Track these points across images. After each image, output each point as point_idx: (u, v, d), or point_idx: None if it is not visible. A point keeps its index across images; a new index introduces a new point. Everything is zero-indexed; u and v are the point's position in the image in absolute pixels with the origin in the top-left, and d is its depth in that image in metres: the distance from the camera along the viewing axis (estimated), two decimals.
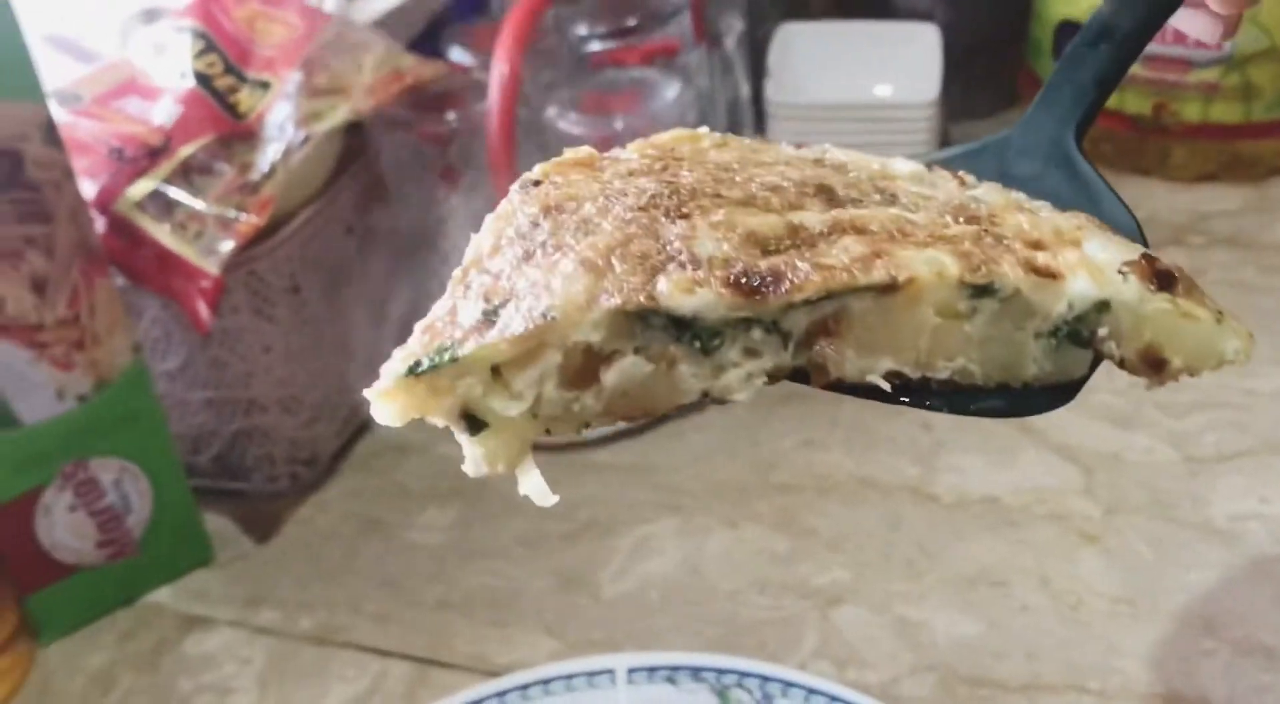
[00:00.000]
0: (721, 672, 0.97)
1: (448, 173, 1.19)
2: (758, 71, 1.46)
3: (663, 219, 0.51)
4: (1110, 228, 0.57)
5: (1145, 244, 0.57)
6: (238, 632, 1.10)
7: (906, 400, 0.54)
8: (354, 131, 1.18)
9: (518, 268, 0.51)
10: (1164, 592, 1.05)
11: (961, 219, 0.55)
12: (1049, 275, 0.52)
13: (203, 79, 1.09)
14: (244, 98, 1.09)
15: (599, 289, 0.49)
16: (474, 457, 0.51)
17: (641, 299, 0.49)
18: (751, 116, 1.43)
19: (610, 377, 0.50)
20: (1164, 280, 0.53)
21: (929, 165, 0.63)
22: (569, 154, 0.58)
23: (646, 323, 0.50)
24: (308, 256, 1.16)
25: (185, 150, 1.05)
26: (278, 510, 1.21)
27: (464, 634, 1.08)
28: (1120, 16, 0.62)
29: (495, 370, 0.49)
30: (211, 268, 1.03)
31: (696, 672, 0.97)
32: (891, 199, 0.57)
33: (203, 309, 1.04)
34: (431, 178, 1.19)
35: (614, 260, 0.50)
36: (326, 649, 1.08)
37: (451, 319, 0.50)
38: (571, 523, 1.17)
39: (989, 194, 0.60)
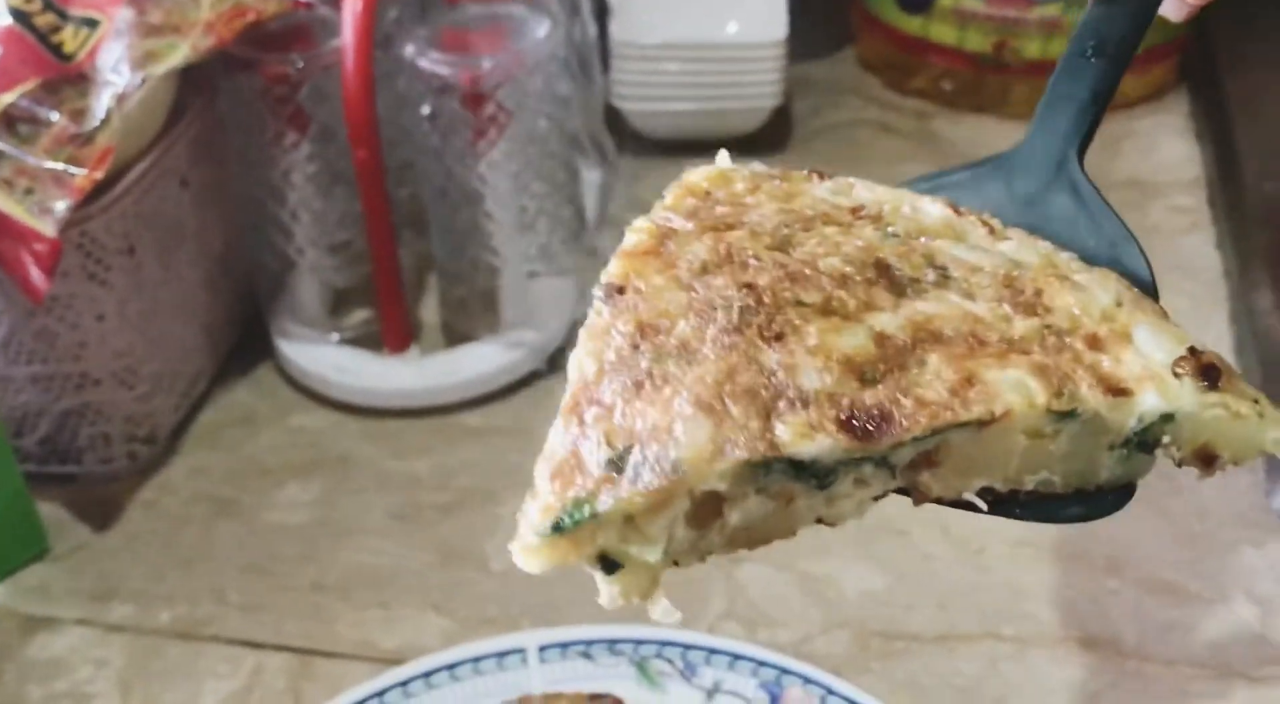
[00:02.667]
0: (639, 642, 0.92)
1: (296, 118, 1.09)
2: (602, 10, 1.40)
3: (759, 342, 0.55)
4: (1134, 288, 0.61)
5: (1148, 262, 0.63)
6: (88, 631, 0.99)
7: (997, 512, 0.59)
8: (189, 74, 1.06)
9: (630, 402, 0.53)
10: (1063, 533, 1.04)
11: (1020, 311, 0.58)
12: (1121, 393, 0.56)
13: (19, 16, 0.96)
14: (68, 37, 0.97)
15: (722, 438, 0.52)
16: (611, 594, 0.55)
17: (763, 449, 0.52)
18: (599, 57, 1.36)
19: (734, 517, 0.54)
20: (1210, 375, 0.56)
21: (955, 209, 0.65)
22: (631, 239, 0.61)
23: (768, 468, 0.53)
24: (143, 213, 1.05)
25: (6, 97, 0.93)
26: (116, 494, 1.10)
27: (344, 618, 1.00)
28: (1109, 23, 0.65)
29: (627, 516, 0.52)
30: (47, 229, 0.91)
31: (612, 644, 0.92)
32: (944, 276, 0.60)
33: (36, 275, 0.92)
34: (277, 124, 1.09)
35: (727, 400, 0.53)
36: (193, 644, 0.98)
37: (576, 463, 0.53)
38: (448, 492, 1.10)
39: (1023, 252, 0.62)
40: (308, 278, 1.16)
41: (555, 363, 1.20)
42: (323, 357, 1.17)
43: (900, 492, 0.57)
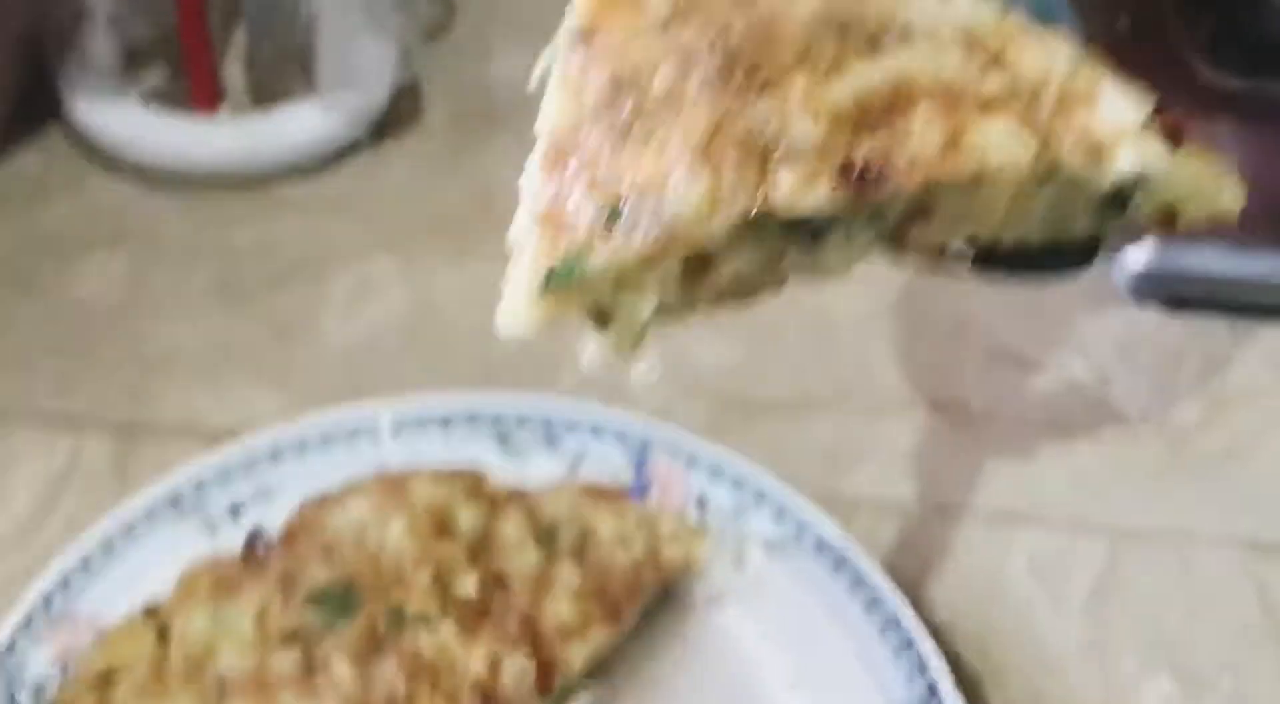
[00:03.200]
0: (499, 415, 0.88)
1: None
2: None
3: (745, 93, 0.52)
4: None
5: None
6: None
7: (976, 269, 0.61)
8: None
9: (616, 151, 0.51)
10: (910, 303, 1.04)
11: (988, 68, 0.57)
12: (1099, 151, 0.55)
13: None
14: None
15: (719, 192, 0.50)
16: (600, 347, 0.53)
17: (762, 204, 0.50)
18: None
19: (727, 271, 0.52)
20: (1176, 135, 0.56)
21: None
22: None
23: (763, 223, 0.51)
24: None
25: None
26: None
27: (167, 395, 0.93)
28: None
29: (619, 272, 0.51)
30: None
31: (471, 416, 0.87)
32: (906, 34, 0.57)
33: None
34: None
35: (721, 151, 0.51)
36: (2, 426, 0.89)
37: (562, 218, 0.50)
38: (273, 266, 1.02)
39: (978, 12, 0.60)
40: (102, 27, 1.04)
41: (380, 132, 1.12)
42: (122, 117, 1.06)
43: (883, 247, 0.56)
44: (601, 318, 0.52)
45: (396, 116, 1.13)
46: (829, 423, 0.96)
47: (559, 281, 0.49)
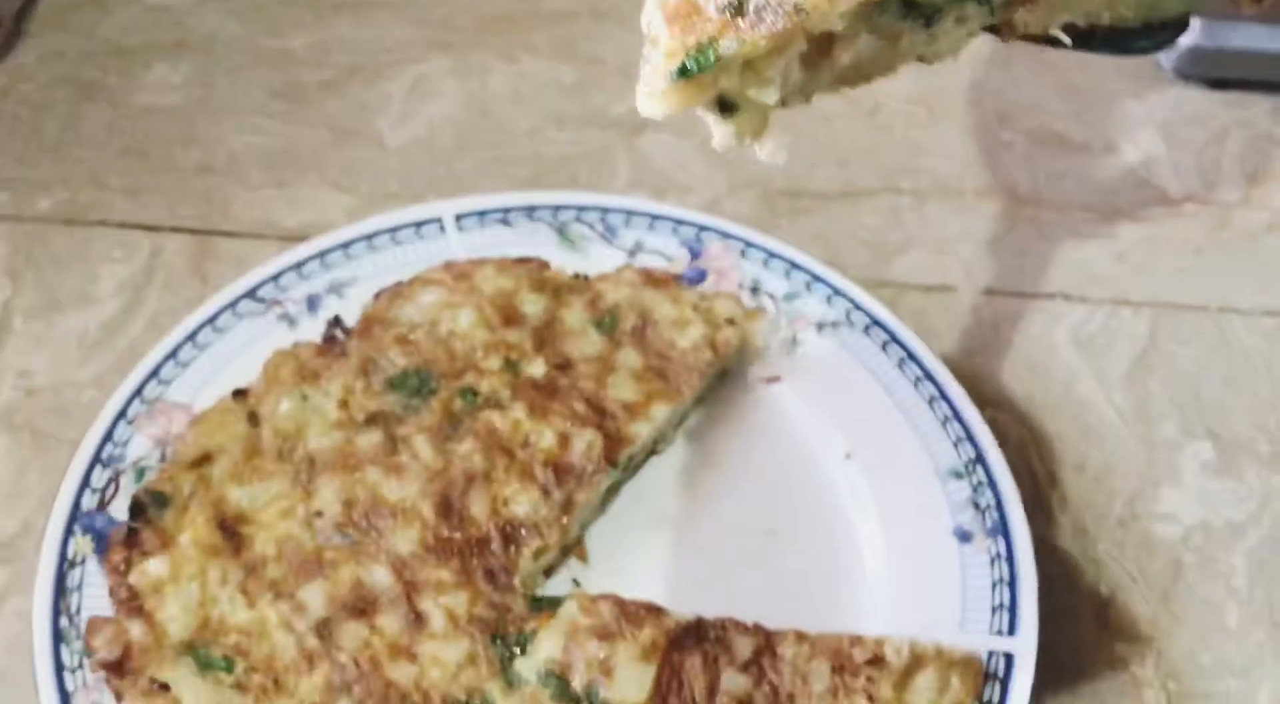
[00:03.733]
0: (558, 208, 0.90)
1: None
2: None
3: None
4: None
5: None
6: None
7: (1078, 47, 0.62)
8: None
9: None
10: (955, 90, 1.06)
11: None
12: None
13: None
14: None
15: None
16: (725, 134, 0.55)
17: None
18: None
19: (846, 56, 0.54)
20: None
21: None
22: None
23: (882, 7, 0.53)
24: None
25: None
26: None
27: (240, 199, 0.96)
28: None
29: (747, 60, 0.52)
30: None
31: (531, 211, 0.90)
32: None
33: None
34: None
35: None
36: (80, 229, 0.93)
37: (693, 8, 0.51)
38: (330, 69, 1.04)
39: None
40: None
41: None
42: None
43: (989, 30, 0.58)
44: (727, 105, 0.54)
45: None
46: (876, 211, 0.98)
47: (693, 69, 0.51)
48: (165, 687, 0.68)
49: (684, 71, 0.51)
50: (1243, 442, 0.87)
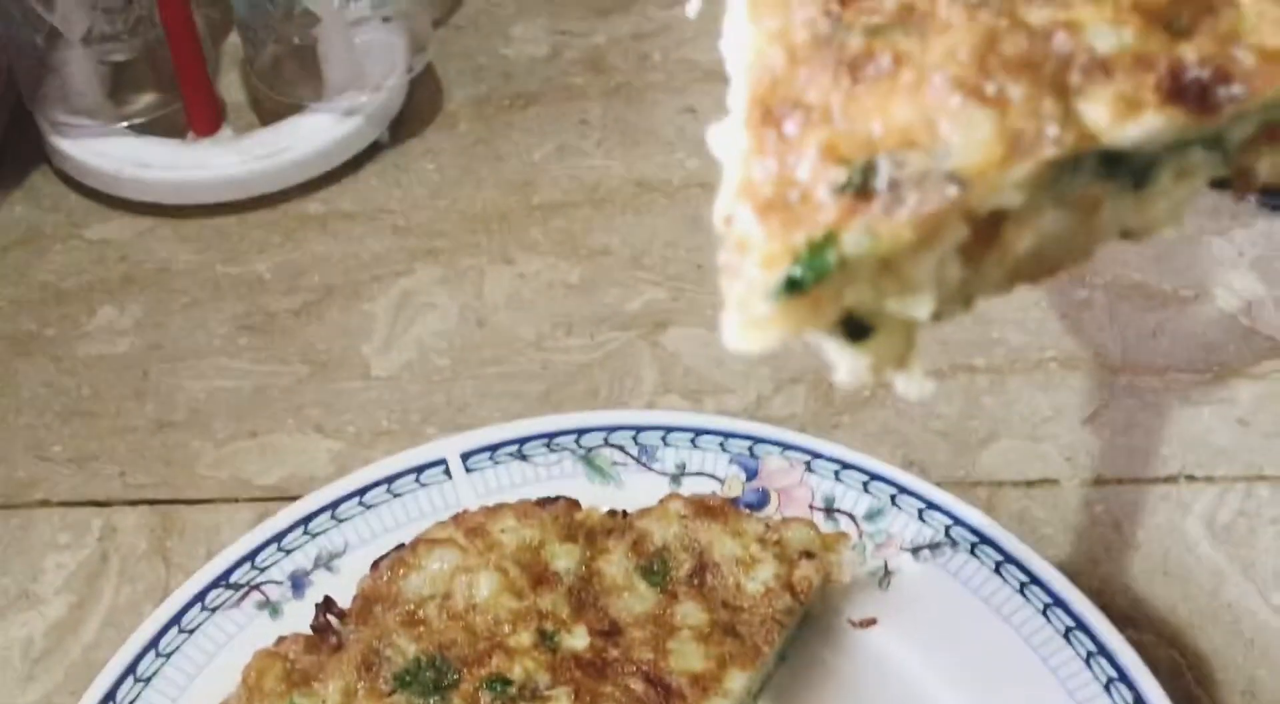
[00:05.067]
0: (581, 431, 0.76)
1: None
2: None
3: (1017, 2, 0.39)
4: None
5: None
6: None
7: None
8: None
9: (849, 97, 0.38)
10: None
11: None
12: None
13: None
14: None
15: (1010, 132, 0.37)
16: (857, 367, 0.40)
17: (1074, 140, 0.37)
18: None
19: (1024, 240, 0.39)
20: None
21: None
22: None
23: (1075, 166, 0.38)
24: None
25: None
26: None
27: (206, 456, 0.82)
28: None
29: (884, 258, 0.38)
30: None
31: (550, 439, 0.76)
32: None
33: None
34: None
35: (999, 80, 0.37)
36: (18, 514, 0.79)
37: (794, 193, 0.37)
38: (303, 293, 0.91)
39: None
40: (78, 54, 0.93)
41: (400, 130, 1.00)
42: (112, 150, 0.95)
43: (1216, 185, 0.43)
44: (857, 327, 0.39)
45: (415, 110, 1.02)
46: (950, 396, 0.84)
47: (808, 280, 0.37)
48: None
49: (793, 284, 0.37)
50: None
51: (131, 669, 0.66)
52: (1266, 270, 0.91)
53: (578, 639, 0.66)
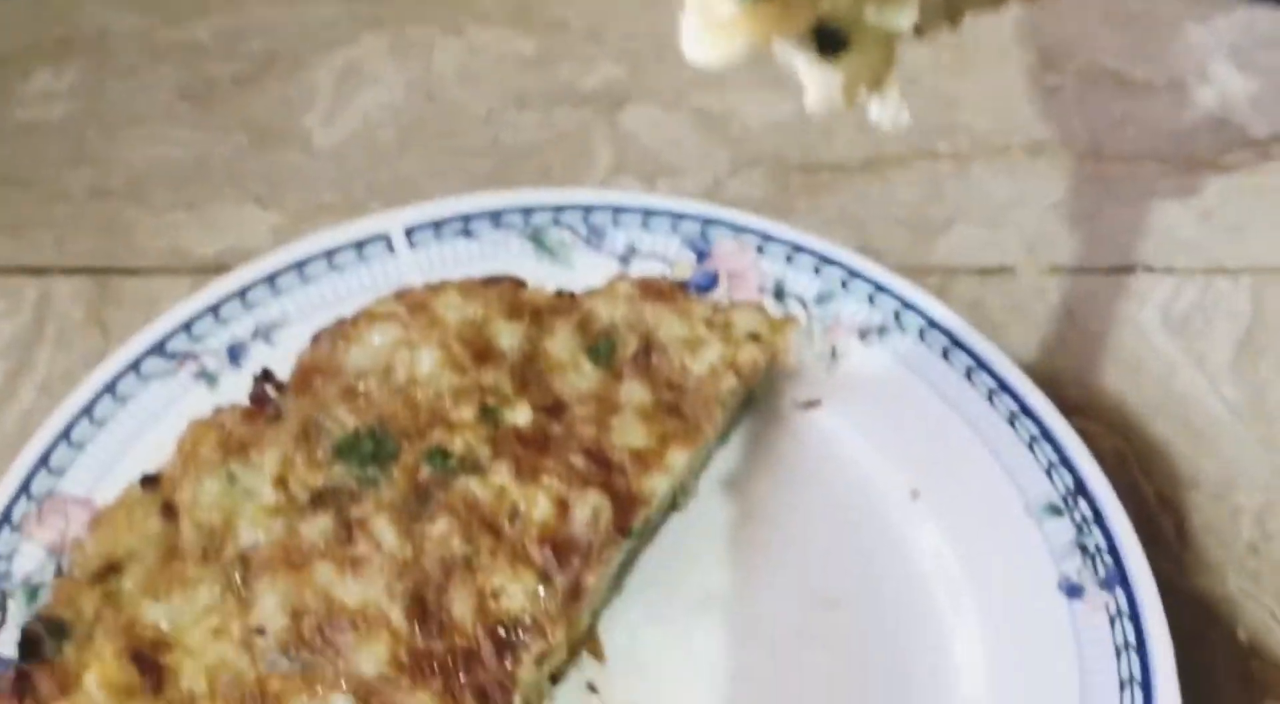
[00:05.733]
0: (529, 210, 0.74)
1: None
2: None
3: None
4: None
5: None
6: None
7: None
8: None
9: None
10: (986, 29, 0.89)
11: None
12: None
13: None
14: None
15: None
16: (828, 86, 0.37)
17: None
18: None
19: None
20: None
21: None
22: None
23: None
24: None
25: None
26: None
27: (143, 226, 0.79)
28: None
29: None
30: None
31: (497, 216, 0.74)
32: None
33: None
34: None
35: None
36: None
37: None
38: (244, 61, 0.87)
39: None
40: None
41: None
42: None
43: None
44: (830, 39, 0.36)
45: None
46: (910, 181, 0.82)
47: None
48: None
49: None
50: None
51: (65, 435, 0.65)
52: (1244, 61, 0.88)
53: (520, 415, 0.65)
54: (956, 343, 0.68)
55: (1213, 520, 0.68)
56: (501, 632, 0.59)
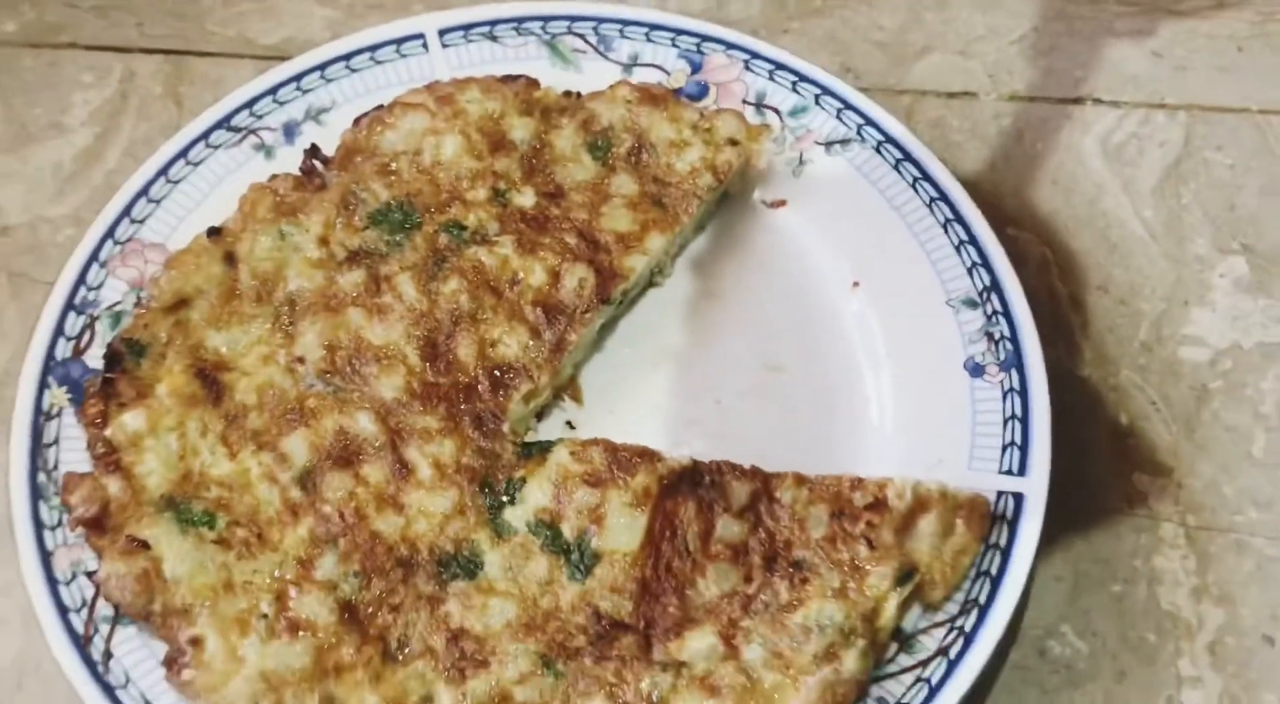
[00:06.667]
0: (547, 19, 0.84)
1: None
2: None
3: None
4: None
5: None
6: None
7: None
8: None
9: None
10: None
11: None
12: None
13: None
14: None
15: None
16: None
17: None
18: None
19: None
20: None
21: None
22: None
23: None
24: None
25: None
26: None
27: (215, 14, 0.91)
28: None
29: None
30: None
31: (519, 23, 0.84)
32: None
33: None
34: None
35: None
36: (50, 53, 0.88)
37: None
38: None
39: None
40: None
41: None
42: None
43: None
44: None
45: None
46: (895, 9, 0.91)
47: None
48: (145, 544, 0.66)
49: None
50: (1278, 256, 0.82)
51: (145, 191, 0.77)
52: None
53: (525, 198, 0.77)
54: (907, 156, 0.79)
55: (1116, 321, 0.79)
56: (497, 373, 0.72)
